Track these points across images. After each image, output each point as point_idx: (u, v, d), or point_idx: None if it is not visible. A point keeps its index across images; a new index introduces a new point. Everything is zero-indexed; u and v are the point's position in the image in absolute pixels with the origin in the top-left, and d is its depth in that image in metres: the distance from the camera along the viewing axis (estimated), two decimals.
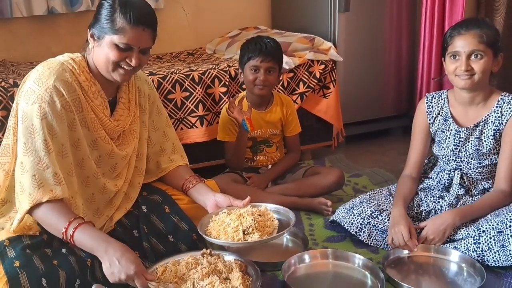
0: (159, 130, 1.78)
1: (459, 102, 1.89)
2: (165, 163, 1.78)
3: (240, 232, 1.46)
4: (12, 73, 2.42)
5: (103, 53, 1.48)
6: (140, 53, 1.51)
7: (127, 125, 1.64)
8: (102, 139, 1.57)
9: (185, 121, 2.47)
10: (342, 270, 1.70)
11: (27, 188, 1.40)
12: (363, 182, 2.54)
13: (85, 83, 1.52)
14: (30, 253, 1.40)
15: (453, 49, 1.78)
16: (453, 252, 1.73)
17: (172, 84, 2.40)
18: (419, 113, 1.99)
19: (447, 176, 1.94)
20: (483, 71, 1.75)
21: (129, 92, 1.66)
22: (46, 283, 1.36)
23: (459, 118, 1.90)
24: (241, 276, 1.49)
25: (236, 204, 1.59)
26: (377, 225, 1.85)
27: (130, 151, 1.67)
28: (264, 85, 2.21)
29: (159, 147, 1.79)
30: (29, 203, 1.38)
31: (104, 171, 1.62)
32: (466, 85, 1.78)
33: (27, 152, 1.41)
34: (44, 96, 1.43)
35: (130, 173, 1.70)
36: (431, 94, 1.99)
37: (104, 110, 1.57)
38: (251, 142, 2.35)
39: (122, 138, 1.65)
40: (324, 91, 2.82)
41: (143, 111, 1.72)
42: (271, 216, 1.57)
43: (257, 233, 1.46)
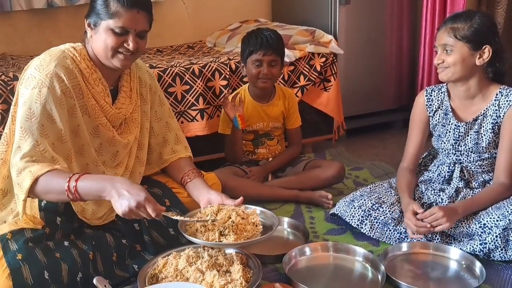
0: (162, 121, 1.80)
1: (456, 96, 1.90)
2: (167, 154, 1.80)
3: (216, 233, 1.46)
4: (12, 66, 2.41)
5: (101, 39, 1.49)
6: (137, 37, 1.51)
7: (128, 113, 1.65)
8: (103, 126, 1.58)
9: (185, 115, 2.46)
10: (343, 263, 1.70)
11: (26, 167, 1.38)
12: (363, 175, 2.54)
13: (86, 70, 1.53)
14: (32, 246, 1.40)
15: (435, 43, 1.85)
16: (453, 249, 1.72)
17: (173, 77, 2.40)
18: (418, 106, 1.99)
19: (447, 169, 1.93)
20: (453, 64, 1.77)
21: (130, 81, 1.67)
22: (48, 276, 1.37)
23: (459, 112, 1.90)
24: (242, 269, 1.49)
25: (228, 203, 1.58)
26: (378, 217, 1.85)
27: (131, 139, 1.68)
28: (268, 78, 2.20)
29: (162, 137, 1.80)
30: (30, 178, 1.36)
31: (105, 159, 1.63)
32: (442, 77, 1.82)
33: (24, 136, 1.41)
34: (44, 81, 1.44)
35: (131, 162, 1.71)
36: (430, 87, 1.98)
37: (106, 98, 1.58)
38: (253, 135, 2.35)
39: (124, 126, 1.67)
40: (325, 84, 2.81)
41: (144, 101, 1.73)
42: (255, 221, 1.55)
43: (233, 236, 1.45)
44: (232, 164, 2.34)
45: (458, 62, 1.77)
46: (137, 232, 1.66)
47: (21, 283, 1.33)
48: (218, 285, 1.40)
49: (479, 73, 1.81)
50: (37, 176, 1.36)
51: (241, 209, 1.57)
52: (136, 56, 1.58)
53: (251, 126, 2.31)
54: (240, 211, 1.55)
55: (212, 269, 1.46)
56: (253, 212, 1.59)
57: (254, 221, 1.55)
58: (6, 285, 1.32)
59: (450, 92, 1.92)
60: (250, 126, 2.31)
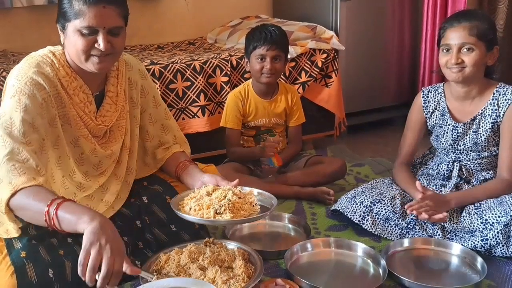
0: (157, 123, 1.71)
1: (455, 96, 1.89)
2: (161, 154, 1.72)
3: (212, 210, 1.40)
4: (13, 63, 2.41)
5: (71, 43, 1.37)
6: (110, 35, 1.37)
7: (112, 122, 1.54)
8: (84, 137, 1.49)
9: (186, 111, 2.46)
10: (345, 259, 1.70)
11: (6, 178, 1.26)
12: (365, 172, 2.54)
13: (65, 78, 1.42)
14: (36, 243, 1.38)
15: (445, 42, 1.79)
16: (454, 245, 1.72)
17: (174, 73, 2.39)
18: (415, 107, 1.99)
19: (446, 167, 1.94)
20: (473, 64, 1.74)
21: (117, 85, 1.55)
22: (52, 274, 1.35)
23: (456, 112, 1.90)
24: (244, 265, 1.49)
25: (223, 184, 1.51)
26: (379, 213, 1.85)
27: (116, 149, 1.58)
28: (271, 74, 2.19)
29: (158, 141, 1.72)
30: (10, 190, 1.24)
31: (87, 169, 1.54)
32: (457, 78, 1.78)
33: (5, 144, 1.30)
34: (24, 89, 1.35)
35: (122, 171, 1.62)
36: (427, 88, 1.98)
37: (88, 107, 1.47)
38: (255, 131, 2.35)
39: (109, 135, 1.57)
40: (326, 80, 2.81)
41: (134, 105, 1.62)
42: (252, 201, 1.49)
43: (229, 214, 1.38)
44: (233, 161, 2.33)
45: (478, 62, 1.75)
46: (139, 230, 1.65)
47: (25, 281, 1.31)
48: (220, 281, 1.40)
49: (482, 74, 1.82)
50: (18, 189, 1.24)
51: (238, 189, 1.50)
52: (114, 57, 1.44)
53: (253, 122, 2.31)
54: (237, 191, 1.48)
55: (214, 265, 1.46)
56: (249, 192, 1.54)
57: (251, 200, 1.49)
58: (11, 283, 1.30)
59: (446, 92, 1.92)
60: (253, 121, 2.31)
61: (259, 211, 1.47)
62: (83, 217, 1.18)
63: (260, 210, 1.47)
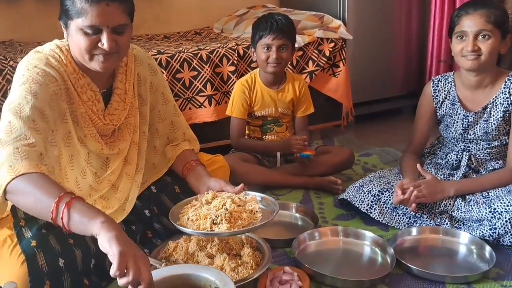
0: (167, 121, 1.68)
1: (466, 85, 1.87)
2: (170, 152, 1.69)
3: (208, 221, 1.37)
4: (20, 52, 2.42)
5: (74, 42, 1.34)
6: (114, 34, 1.32)
7: (121, 120, 1.51)
8: (92, 136, 1.45)
9: (193, 101, 2.46)
10: (353, 247, 1.70)
11: (7, 161, 1.20)
12: (372, 162, 2.53)
13: (73, 75, 1.39)
14: (46, 233, 1.38)
15: (460, 29, 1.76)
16: (462, 233, 1.72)
17: (180, 63, 2.39)
18: (425, 97, 1.98)
19: (455, 157, 1.92)
20: (490, 52, 1.72)
21: (126, 81, 1.51)
22: (63, 264, 1.34)
23: (467, 102, 1.88)
24: (252, 253, 1.49)
25: (227, 189, 1.50)
26: (387, 202, 1.85)
27: (124, 147, 1.55)
28: (277, 63, 2.18)
29: (166, 138, 1.69)
30: (10, 174, 1.18)
31: (97, 169, 1.51)
32: (473, 66, 1.75)
33: (11, 130, 1.25)
34: (35, 78, 1.32)
35: (133, 170, 1.58)
36: (437, 77, 1.97)
37: (96, 105, 1.44)
38: (261, 121, 2.34)
39: (117, 133, 1.53)
40: (334, 69, 2.79)
41: (142, 102, 1.58)
42: (253, 208, 1.45)
43: (226, 224, 1.36)
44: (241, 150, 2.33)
45: (494, 50, 1.73)
46: (148, 219, 1.65)
47: (36, 270, 1.30)
48: (228, 268, 1.40)
49: (495, 62, 1.80)
50: (19, 174, 1.18)
51: (238, 196, 1.48)
52: (120, 55, 1.40)
53: (260, 111, 2.30)
54: (236, 199, 1.46)
55: (222, 253, 1.46)
56: (251, 199, 1.50)
57: (251, 208, 1.45)
58: (22, 271, 1.30)
59: (457, 81, 1.90)
60: (259, 111, 2.30)
61: (261, 218, 1.43)
62: (97, 218, 1.13)
63: (262, 218, 1.44)
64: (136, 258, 1.10)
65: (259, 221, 1.41)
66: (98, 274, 1.46)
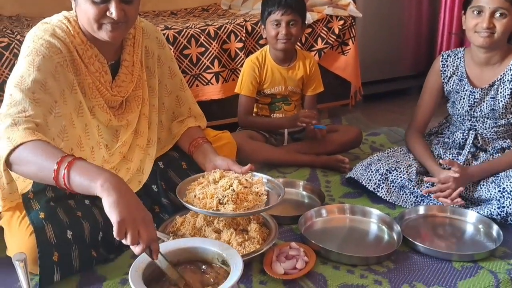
0: (172, 95, 1.67)
1: (475, 62, 1.85)
2: (176, 128, 1.69)
3: (215, 201, 1.38)
4: (27, 27, 2.40)
5: (82, 12, 1.33)
6: (123, 3, 1.33)
7: (128, 92, 1.51)
8: (100, 107, 1.45)
9: (200, 78, 2.44)
10: (359, 225, 1.70)
11: (5, 133, 1.21)
12: (380, 141, 2.52)
13: (80, 46, 1.39)
14: (54, 205, 1.39)
15: (477, 4, 1.72)
16: (470, 212, 1.71)
17: (188, 39, 2.36)
18: (433, 72, 1.95)
19: (461, 136, 1.91)
20: (504, 30, 1.69)
21: (133, 54, 1.51)
22: (71, 236, 1.35)
23: (474, 78, 1.86)
24: (259, 228, 1.50)
25: (234, 169, 1.50)
26: (395, 181, 1.84)
27: (132, 118, 1.55)
28: (287, 39, 2.15)
29: (172, 113, 1.69)
30: (9, 146, 1.18)
31: (107, 141, 1.52)
32: (484, 43, 1.73)
33: (11, 103, 1.26)
34: (39, 50, 1.32)
35: (144, 141, 1.60)
36: (447, 52, 1.94)
37: (103, 76, 1.44)
38: (270, 99, 2.32)
39: (125, 106, 1.53)
40: (343, 47, 2.76)
41: (150, 75, 1.58)
42: (259, 190, 1.46)
43: (232, 205, 1.36)
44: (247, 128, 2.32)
45: (508, 29, 1.71)
46: (155, 194, 1.66)
47: (44, 241, 1.32)
48: (235, 243, 1.41)
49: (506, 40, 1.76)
50: (17, 145, 1.18)
51: (245, 178, 1.48)
52: (128, 25, 1.39)
53: (269, 89, 2.28)
54: (243, 180, 1.46)
55: (229, 228, 1.47)
56: (258, 181, 1.50)
57: (257, 190, 1.46)
58: (30, 243, 1.31)
59: (466, 57, 1.87)
60: (268, 89, 2.28)
61: (266, 201, 1.44)
62: (97, 180, 1.11)
63: (266, 200, 1.44)
64: (135, 222, 1.09)
65: (264, 203, 1.42)
66: (106, 246, 1.47)
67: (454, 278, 1.41)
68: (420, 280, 1.40)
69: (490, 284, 1.38)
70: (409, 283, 1.38)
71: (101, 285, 1.37)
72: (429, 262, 1.49)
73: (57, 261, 1.33)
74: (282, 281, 1.38)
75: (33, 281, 1.33)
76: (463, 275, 1.42)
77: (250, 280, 1.39)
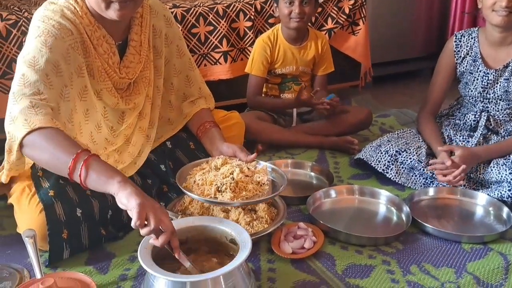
0: (182, 75, 1.65)
1: (490, 42, 1.81)
2: (187, 108, 1.67)
3: (213, 188, 1.35)
4: (35, 5, 2.38)
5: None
6: None
7: (136, 74, 1.49)
8: (108, 90, 1.44)
9: (208, 57, 2.42)
10: (368, 206, 1.69)
11: (21, 114, 1.21)
12: (390, 123, 2.50)
13: (88, 27, 1.36)
14: (63, 183, 1.39)
15: None
16: (480, 194, 1.70)
17: (196, 17, 2.33)
18: (446, 52, 1.92)
19: (473, 118, 1.88)
20: None
21: (141, 33, 1.48)
22: (80, 214, 1.36)
23: (489, 59, 1.83)
24: (267, 208, 1.50)
25: (240, 156, 1.47)
26: (404, 162, 1.82)
27: (139, 101, 1.53)
28: (300, 18, 2.11)
29: (182, 93, 1.67)
30: (26, 128, 1.19)
31: (113, 123, 1.51)
32: (502, 22, 1.70)
33: (25, 83, 1.25)
34: (51, 31, 1.29)
35: (146, 124, 1.58)
36: (460, 32, 1.90)
37: (112, 58, 1.42)
38: (280, 79, 2.30)
39: (132, 87, 1.51)
40: (353, 27, 2.71)
41: (157, 55, 1.56)
42: (261, 180, 1.41)
43: (230, 194, 1.33)
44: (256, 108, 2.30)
45: None
46: (163, 174, 1.66)
47: (54, 219, 1.32)
48: (243, 222, 1.41)
49: None
50: (35, 128, 1.19)
51: (248, 166, 1.44)
52: (136, 3, 1.36)
53: (281, 69, 2.25)
54: (245, 168, 1.42)
55: (238, 207, 1.46)
56: (261, 170, 1.46)
57: (259, 180, 1.41)
58: (40, 220, 1.32)
59: (480, 37, 1.83)
60: (280, 69, 2.25)
61: (268, 191, 1.40)
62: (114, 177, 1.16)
63: (268, 190, 1.40)
64: (155, 209, 1.12)
65: (265, 193, 1.39)
66: (114, 224, 1.48)
67: (463, 259, 1.41)
68: (428, 261, 1.40)
69: (499, 266, 1.37)
70: (418, 264, 1.38)
71: (110, 262, 1.39)
72: (438, 244, 1.48)
73: (67, 238, 1.34)
74: (289, 260, 1.38)
75: (42, 257, 1.34)
76: (472, 257, 1.42)
77: (258, 258, 1.39)
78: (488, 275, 1.33)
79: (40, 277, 1.11)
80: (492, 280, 1.31)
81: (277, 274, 1.33)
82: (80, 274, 1.15)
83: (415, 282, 1.30)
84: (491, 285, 1.29)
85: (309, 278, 1.31)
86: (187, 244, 1.22)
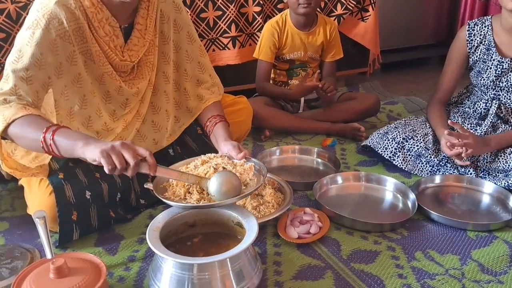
0: (194, 61, 1.62)
1: (505, 29, 1.78)
2: (207, 94, 1.64)
3: (182, 189, 1.25)
4: None
5: None
6: None
7: (139, 57, 1.46)
8: (108, 74, 1.43)
9: (217, 42, 2.41)
10: (374, 193, 1.70)
11: None
12: (397, 110, 2.49)
13: (90, 9, 1.34)
14: (73, 166, 1.40)
15: None
16: (487, 183, 1.70)
17: (205, 2, 2.32)
18: (459, 41, 1.90)
19: (483, 106, 1.87)
20: None
21: (147, 17, 1.46)
22: (90, 196, 1.38)
23: (503, 47, 1.80)
24: (273, 193, 1.51)
25: (232, 154, 1.38)
26: (411, 149, 1.82)
27: (142, 86, 1.52)
28: (308, 3, 2.10)
29: (196, 80, 1.65)
30: (2, 124, 1.22)
31: (115, 107, 1.50)
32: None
33: (7, 79, 1.28)
34: (40, 22, 1.29)
35: (144, 109, 1.57)
36: (473, 21, 1.87)
37: (114, 41, 1.40)
38: (288, 65, 2.29)
39: (136, 71, 1.50)
40: (363, 14, 2.69)
41: (163, 40, 1.53)
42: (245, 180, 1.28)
43: (196, 195, 1.23)
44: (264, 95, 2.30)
45: None
46: (171, 158, 1.65)
47: (63, 201, 1.34)
48: (250, 206, 1.42)
49: None
50: (10, 121, 1.22)
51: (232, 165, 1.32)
52: None
53: (289, 54, 2.25)
54: (229, 167, 1.30)
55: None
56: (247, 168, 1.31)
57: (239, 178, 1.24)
58: (50, 201, 1.34)
59: (494, 25, 1.81)
60: (288, 54, 2.25)
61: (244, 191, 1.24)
62: (78, 142, 1.16)
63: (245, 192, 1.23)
64: (114, 148, 1.12)
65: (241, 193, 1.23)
66: (123, 207, 1.50)
67: (468, 247, 1.41)
68: (433, 247, 1.41)
69: (504, 254, 1.38)
70: (423, 251, 1.39)
71: (119, 244, 1.41)
72: (443, 231, 1.49)
73: (76, 220, 1.36)
74: (295, 245, 1.39)
75: (52, 238, 1.37)
76: (478, 244, 1.43)
77: (264, 243, 1.41)
78: (493, 262, 1.34)
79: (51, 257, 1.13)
80: (496, 267, 1.32)
81: (283, 258, 1.34)
82: (90, 255, 1.17)
83: (419, 268, 1.31)
84: (495, 272, 1.30)
85: (314, 262, 1.33)
86: (195, 227, 1.24)
